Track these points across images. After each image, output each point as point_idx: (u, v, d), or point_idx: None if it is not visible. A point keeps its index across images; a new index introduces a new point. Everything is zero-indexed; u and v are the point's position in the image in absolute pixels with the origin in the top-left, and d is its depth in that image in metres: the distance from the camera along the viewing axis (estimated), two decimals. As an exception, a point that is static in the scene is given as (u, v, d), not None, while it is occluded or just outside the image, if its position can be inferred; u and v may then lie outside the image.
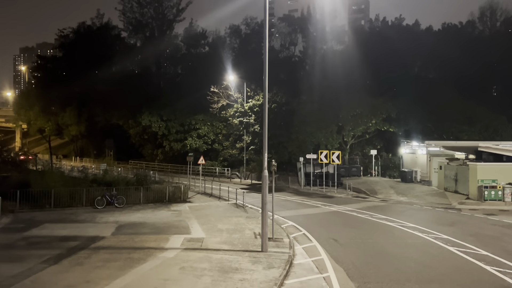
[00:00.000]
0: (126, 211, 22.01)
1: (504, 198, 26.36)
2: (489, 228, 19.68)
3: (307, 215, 23.05)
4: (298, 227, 19.13)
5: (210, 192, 30.39)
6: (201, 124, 47.76)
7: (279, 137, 38.77)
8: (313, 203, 27.56)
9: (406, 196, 30.29)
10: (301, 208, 25.38)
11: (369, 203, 27.96)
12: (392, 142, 43.45)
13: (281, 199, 29.53)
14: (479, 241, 16.75)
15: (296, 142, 38.39)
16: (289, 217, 21.77)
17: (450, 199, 28.22)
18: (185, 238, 15.66)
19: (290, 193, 33.33)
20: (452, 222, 20.96)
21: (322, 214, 23.40)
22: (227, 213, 22.09)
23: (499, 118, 39.77)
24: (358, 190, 34.07)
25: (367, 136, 43.16)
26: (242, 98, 43.03)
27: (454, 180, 30.02)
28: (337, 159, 33.22)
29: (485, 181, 27.01)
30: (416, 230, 18.72)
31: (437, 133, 40.41)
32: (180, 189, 25.95)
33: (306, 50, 67.98)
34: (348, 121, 39.15)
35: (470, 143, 31.63)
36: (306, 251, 14.93)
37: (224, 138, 47.40)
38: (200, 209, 23.40)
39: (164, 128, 50.09)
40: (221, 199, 27.73)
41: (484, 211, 24.40)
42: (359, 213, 23.50)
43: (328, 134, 38.54)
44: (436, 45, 51.65)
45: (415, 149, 37.80)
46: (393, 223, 20.33)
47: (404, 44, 52.69)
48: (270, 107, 40.60)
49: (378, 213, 23.40)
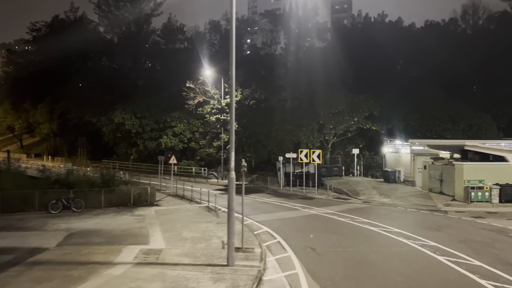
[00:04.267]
0: (83, 216, 19.83)
1: (491, 200, 25.10)
2: (478, 233, 18.24)
3: (284, 219, 21.27)
4: (273, 234, 17.31)
5: (182, 194, 28.34)
6: (177, 122, 45.54)
7: (258, 135, 36.93)
8: (292, 205, 25.83)
9: (389, 197, 28.84)
10: (278, 211, 23.60)
11: (350, 205, 26.39)
12: (374, 140, 42.13)
13: (258, 201, 27.72)
14: (469, 248, 15.24)
15: (276, 141, 36.62)
16: (264, 222, 19.96)
17: (435, 201, 26.86)
18: (141, 249, 13.66)
19: (268, 195, 31.54)
20: (438, 226, 19.47)
21: (300, 218, 21.65)
22: (196, 218, 20.13)
23: (483, 116, 38.80)
24: (339, 191, 32.53)
25: (349, 134, 41.73)
26: (219, 95, 41.04)
27: (439, 181, 28.69)
28: (317, 159, 31.58)
29: (472, 181, 25.71)
30: (401, 235, 17.13)
31: (420, 132, 39.20)
32: (146, 191, 23.83)
33: (288, 47, 66.62)
34: (329, 118, 37.58)
35: (456, 142, 30.37)
36: (280, 263, 13.13)
37: (201, 136, 45.28)
38: (167, 213, 21.37)
39: (138, 126, 47.69)
40: (192, 202, 25.73)
41: (471, 214, 23.07)
42: (340, 217, 21.85)
43: (309, 133, 36.88)
44: (419, 42, 50.86)
45: (399, 148, 36.48)
46: (376, 228, 18.72)
47: (387, 41, 51.60)
48: (249, 104, 38.79)
49: (360, 216, 21.80)
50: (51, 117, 64.79)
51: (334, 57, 47.89)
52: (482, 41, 47.51)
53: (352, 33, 58.11)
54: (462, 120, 38.83)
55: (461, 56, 45.92)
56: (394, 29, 57.02)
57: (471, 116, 38.81)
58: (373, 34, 54.09)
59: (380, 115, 39.58)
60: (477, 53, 44.93)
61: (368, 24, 58.17)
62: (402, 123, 39.50)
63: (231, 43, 12.76)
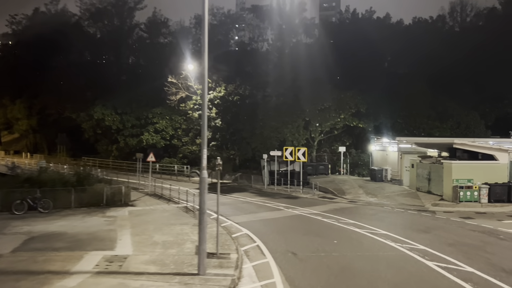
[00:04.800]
0: (50, 218, 18.45)
1: (480, 199, 24.36)
2: (468, 235, 17.38)
3: (266, 220, 20.18)
4: (253, 237, 16.19)
5: (160, 193, 27.04)
6: (159, 118, 44.08)
7: (242, 132, 35.75)
8: (275, 205, 24.75)
9: (376, 197, 27.96)
10: (260, 212, 22.49)
11: (336, 205, 25.43)
12: (361, 138, 41.29)
13: (240, 201, 26.59)
14: (460, 252, 14.34)
15: (260, 138, 35.49)
16: (244, 224, 18.83)
17: (423, 200, 26.05)
18: (105, 256, 12.41)
19: (251, 194, 30.43)
20: (427, 228, 18.58)
21: (283, 219, 20.58)
22: (172, 219, 18.90)
23: (471, 114, 38.22)
24: (325, 189, 31.57)
25: (335, 132, 40.81)
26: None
27: (427, 180, 27.90)
28: (303, 157, 30.57)
29: (460, 180, 24.95)
30: (388, 238, 16.17)
31: (408, 129, 38.47)
32: (120, 191, 22.48)
33: (275, 43, 65.60)
34: (315, 115, 36.59)
35: (444, 140, 29.62)
36: (257, 270, 12.01)
37: (183, 133, 43.88)
38: (141, 214, 20.09)
39: (119, 122, 46.09)
40: (170, 202, 24.46)
41: (460, 214, 22.28)
42: (325, 217, 20.84)
43: (294, 130, 35.84)
44: (406, 39, 50.28)
45: (386, 146, 35.68)
46: (362, 230, 17.75)
47: (375, 37, 50.80)
48: (233, 100, 37.55)
49: (345, 217, 20.83)
50: (30, 113, 62.65)
51: (321, 54, 47.07)
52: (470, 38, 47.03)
53: (340, 29, 57.27)
54: (450, 118, 38.21)
55: (448, 53, 45.39)
56: (382, 25, 56.31)
57: (459, 113, 38.23)
58: (360, 30, 53.27)
59: (367, 112, 38.75)
60: (464, 50, 44.40)
61: (355, 20, 57.34)
62: (390, 120, 38.74)
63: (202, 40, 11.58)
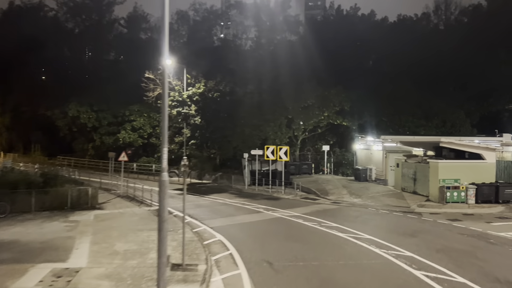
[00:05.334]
0: (4, 224, 16.77)
1: (468, 200, 23.45)
2: (457, 239, 16.35)
3: (244, 224, 18.84)
4: (227, 244, 14.83)
5: (133, 195, 25.46)
6: (137, 115, 42.32)
7: (223, 130, 34.32)
8: (255, 207, 23.44)
9: (360, 198, 26.88)
10: (239, 215, 21.14)
11: (318, 206, 24.25)
12: (345, 137, 40.28)
13: (218, 203, 25.19)
14: (449, 259, 13.25)
15: (242, 136, 34.13)
16: (219, 228, 17.46)
17: (409, 201, 25.06)
18: (54, 269, 10.90)
19: (231, 195, 29.06)
20: (414, 231, 17.50)
21: (262, 223, 19.28)
22: (140, 224, 17.41)
23: (456, 112, 37.51)
24: (308, 190, 30.40)
25: (319, 130, 39.72)
26: (181, 86, 38.12)
27: (412, 180, 26.94)
28: (285, 156, 29.33)
29: (447, 180, 24.01)
30: (372, 244, 15.02)
31: (393, 128, 37.58)
32: (87, 193, 20.86)
33: (259, 40, 64.38)
34: (298, 113, 35.41)
35: (431, 138, 28.73)
36: (226, 284, 10.69)
37: (162, 131, 42.11)
38: (108, 218, 18.55)
39: (95, 120, 44.15)
40: (142, 205, 22.93)
41: (447, 216, 21.31)
42: (306, 220, 19.61)
43: (277, 128, 34.59)
44: (392, 37, 49.65)
45: (370, 144, 34.70)
46: (345, 234, 16.57)
47: (359, 34, 50.19)
48: (212, 97, 36.06)
49: (328, 220, 19.64)
50: (3, 110, 59.98)
51: (305, 51, 46.24)
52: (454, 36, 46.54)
53: (324, 26, 56.39)
54: (436, 116, 37.45)
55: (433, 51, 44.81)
56: (366, 22, 55.70)
57: (445, 112, 37.50)
58: (345, 27, 52.55)
59: (351, 110, 37.74)
60: (449, 48, 43.87)
61: (340, 17, 56.51)
62: (374, 118, 37.79)
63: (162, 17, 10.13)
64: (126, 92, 43.97)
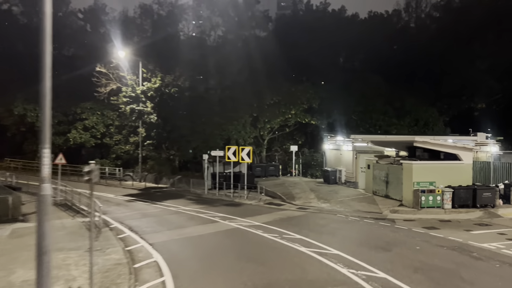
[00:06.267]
0: None
1: (444, 205, 21.52)
2: (436, 253, 14.17)
3: (193, 238, 16.09)
4: (163, 267, 12.05)
5: (71, 203, 22.22)
6: (89, 114, 38.80)
7: (182, 130, 31.40)
8: (211, 216, 20.73)
9: (328, 202, 24.61)
10: (189, 226, 18.35)
11: (282, 213, 21.79)
12: (315, 136, 38.19)
13: (170, 211, 22.31)
14: (430, 282, 11.02)
15: (202, 136, 31.32)
16: (161, 245, 14.67)
17: (381, 206, 22.96)
18: None
19: (188, 201, 26.24)
20: (387, 244, 15.23)
21: (215, 236, 16.59)
22: (64, 241, 14.38)
23: (429, 110, 35.94)
24: (273, 194, 27.96)
25: (287, 129, 37.42)
26: (135, 81, 34.92)
27: (384, 182, 24.88)
28: (247, 157, 26.74)
29: (422, 183, 22.04)
30: (340, 261, 12.64)
31: (363, 127, 35.69)
32: (6, 202, 17.56)
33: (226, 36, 61.99)
34: (264, 111, 32.95)
35: (404, 138, 26.82)
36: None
37: (116, 130, 38.88)
38: (27, 234, 15.38)
39: (44, 118, 40.17)
40: (78, 215, 19.79)
41: (423, 223, 19.26)
42: (267, 231, 17.07)
43: (240, 127, 31.98)
44: (362, 33, 48.24)
45: (340, 144, 32.58)
46: (309, 249, 14.14)
47: (329, 30, 48.46)
48: (169, 92, 33.04)
49: (291, 230, 17.18)
50: None
51: (273, 47, 44.44)
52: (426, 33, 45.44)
53: (293, 21, 54.39)
54: (408, 115, 35.79)
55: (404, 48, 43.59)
56: (337, 18, 54.09)
57: (417, 110, 35.88)
58: (314, 22, 50.84)
59: (320, 108, 35.59)
60: (421, 45, 42.63)
61: (309, 12, 54.65)
62: (344, 117, 35.76)
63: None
64: (79, 89, 40.36)
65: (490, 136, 31.08)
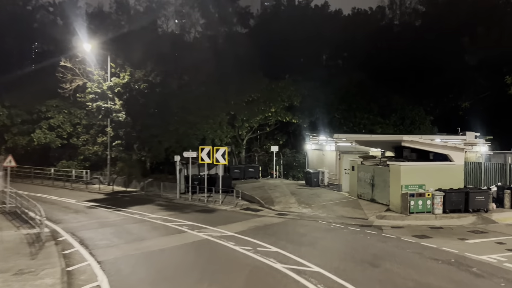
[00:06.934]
0: None
1: (434, 210, 19.79)
2: (431, 269, 12.33)
3: (152, 253, 13.90)
4: (106, 294, 9.88)
5: (21, 211, 19.72)
6: (55, 112, 36.08)
7: (152, 129, 29.08)
8: (179, 225, 18.55)
9: (310, 207, 22.68)
10: (151, 238, 16.14)
11: (260, 220, 19.76)
12: (296, 136, 36.26)
13: (134, 219, 20.01)
14: (428, 310, 9.09)
15: (175, 136, 29.03)
16: (112, 263, 12.45)
17: (366, 211, 21.13)
18: None
19: (157, 207, 23.98)
20: (374, 257, 13.33)
21: (178, 250, 14.44)
22: (-9, 261, 12.05)
23: (416, 108, 34.33)
24: (251, 198, 25.93)
25: (267, 129, 35.42)
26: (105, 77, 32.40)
27: (370, 185, 23.06)
28: (222, 158, 24.62)
29: (411, 186, 20.27)
30: (321, 281, 10.74)
31: (347, 126, 33.91)
32: None
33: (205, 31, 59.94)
34: (242, 108, 30.85)
35: (390, 137, 25.09)
36: None
37: (84, 130, 36.28)
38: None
39: (6, 117, 37.36)
40: (25, 225, 17.34)
41: (413, 230, 17.48)
42: (239, 243, 15.02)
43: (217, 126, 29.79)
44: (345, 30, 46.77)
45: (322, 144, 30.67)
46: (286, 265, 12.15)
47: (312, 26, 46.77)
48: (139, 88, 30.60)
49: (267, 241, 15.17)
50: None
51: (254, 43, 42.74)
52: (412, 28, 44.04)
53: (275, 17, 52.48)
54: (394, 113, 34.13)
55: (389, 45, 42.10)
56: (320, 14, 52.44)
57: (403, 108, 34.26)
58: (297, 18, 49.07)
59: (302, 106, 33.68)
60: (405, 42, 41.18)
61: (291, 7, 52.88)
62: (327, 115, 33.91)
63: None
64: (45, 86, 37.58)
65: (479, 135, 29.62)
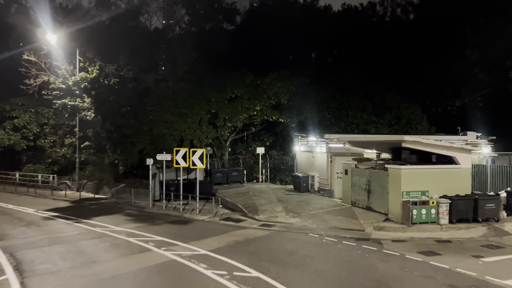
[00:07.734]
0: None
1: (440, 219, 17.34)
2: (449, 300, 9.78)
3: (101, 282, 11.11)
4: None
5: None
6: (20, 111, 32.99)
7: (124, 129, 26.23)
8: (145, 240, 15.75)
9: (298, 216, 20.07)
10: (106, 260, 13.33)
11: (241, 234, 17.07)
12: (285, 137, 33.72)
13: (94, 234, 17.13)
14: None
15: (150, 137, 26.24)
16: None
17: (362, 221, 18.59)
18: None
19: (125, 217, 21.14)
20: (377, 285, 10.75)
21: (135, 277, 11.66)
22: None
23: (412, 107, 32.01)
24: (233, 206, 23.26)
25: (253, 129, 32.80)
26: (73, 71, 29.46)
27: (365, 191, 20.54)
28: (199, 162, 21.84)
29: (412, 193, 17.79)
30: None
31: (338, 125, 31.47)
32: None
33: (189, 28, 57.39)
34: (224, 106, 28.17)
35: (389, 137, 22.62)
36: None
37: (52, 131, 33.25)
38: None
39: (-33, 118, 34.19)
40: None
41: (417, 245, 14.98)
42: (213, 265, 12.33)
43: (196, 125, 27.03)
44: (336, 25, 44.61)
45: (313, 145, 28.08)
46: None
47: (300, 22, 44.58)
48: (109, 84, 27.66)
49: (246, 263, 12.52)
50: None
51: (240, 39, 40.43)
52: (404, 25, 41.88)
53: (262, 12, 50.12)
54: (388, 112, 31.77)
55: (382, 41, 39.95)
56: (308, 10, 50.14)
57: (398, 106, 31.92)
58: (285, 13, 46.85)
59: (290, 104, 31.14)
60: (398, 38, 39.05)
61: (278, 2, 50.47)
62: (317, 114, 31.41)
63: None
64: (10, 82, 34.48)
65: (481, 135, 27.37)
